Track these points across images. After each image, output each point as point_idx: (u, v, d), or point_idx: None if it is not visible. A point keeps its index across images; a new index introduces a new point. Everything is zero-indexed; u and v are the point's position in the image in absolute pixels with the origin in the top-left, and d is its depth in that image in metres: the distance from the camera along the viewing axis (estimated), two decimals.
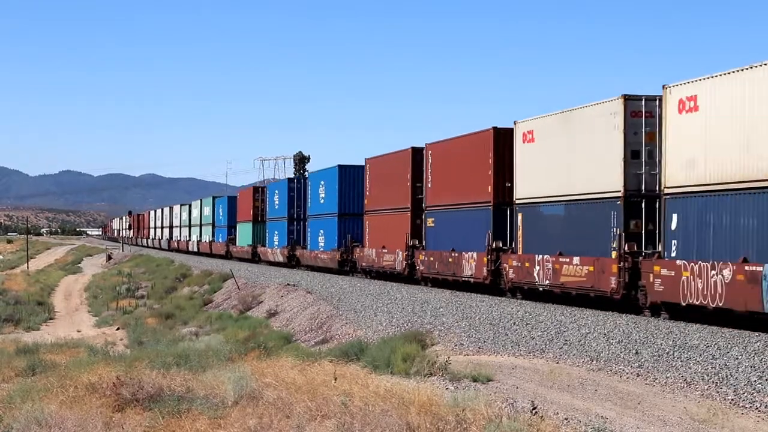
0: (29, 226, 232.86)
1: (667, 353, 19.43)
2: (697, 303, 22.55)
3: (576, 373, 19.03)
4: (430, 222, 38.33)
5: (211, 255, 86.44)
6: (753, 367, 17.32)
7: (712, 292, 21.97)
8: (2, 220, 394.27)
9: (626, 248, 25.57)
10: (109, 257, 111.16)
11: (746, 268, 20.95)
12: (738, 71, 21.79)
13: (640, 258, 25.29)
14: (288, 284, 44.35)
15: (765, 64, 20.96)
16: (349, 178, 49.11)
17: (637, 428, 14.07)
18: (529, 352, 21.92)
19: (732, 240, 21.83)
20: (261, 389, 16.00)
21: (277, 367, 18.44)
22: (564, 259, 28.19)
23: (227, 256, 79.18)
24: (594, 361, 20.01)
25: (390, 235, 42.05)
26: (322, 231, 52.42)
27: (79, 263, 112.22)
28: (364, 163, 46.98)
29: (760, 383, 16.43)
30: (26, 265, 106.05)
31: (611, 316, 24.95)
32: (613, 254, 25.98)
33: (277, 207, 63.39)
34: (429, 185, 38.26)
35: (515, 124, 32.02)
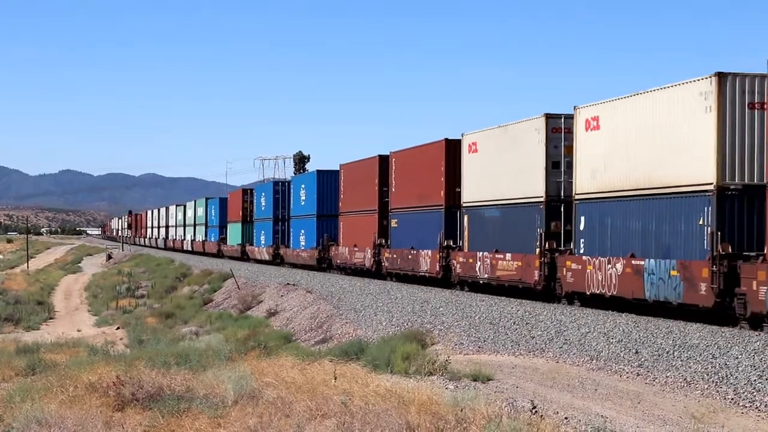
0: (29, 225, 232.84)
1: (667, 352, 19.44)
2: (597, 292, 26.82)
3: (576, 372, 19.04)
4: (393, 223, 42.58)
5: (204, 254, 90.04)
6: (753, 367, 17.33)
7: (609, 283, 26.30)
8: (2, 220, 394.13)
9: (546, 246, 29.65)
10: (109, 257, 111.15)
11: (633, 262, 25.32)
12: (627, 97, 26.31)
13: (557, 254, 29.29)
14: (288, 284, 44.35)
15: (643, 93, 25.64)
16: (327, 182, 53.03)
17: (636, 427, 14.07)
18: (529, 352, 21.92)
19: (623, 239, 26.23)
20: (261, 388, 16.00)
21: (277, 367, 18.44)
22: (499, 256, 32.38)
23: (219, 254, 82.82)
24: (594, 361, 20.02)
25: (360, 234, 46.30)
26: (303, 231, 56.73)
27: (79, 263, 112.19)
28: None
29: (760, 382, 16.43)
30: (26, 264, 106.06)
31: (611, 316, 24.98)
32: (537, 251, 29.86)
33: (263, 208, 67.51)
34: (393, 189, 42.33)
35: (462, 136, 35.99)
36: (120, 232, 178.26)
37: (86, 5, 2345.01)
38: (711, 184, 22.82)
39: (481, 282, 33.78)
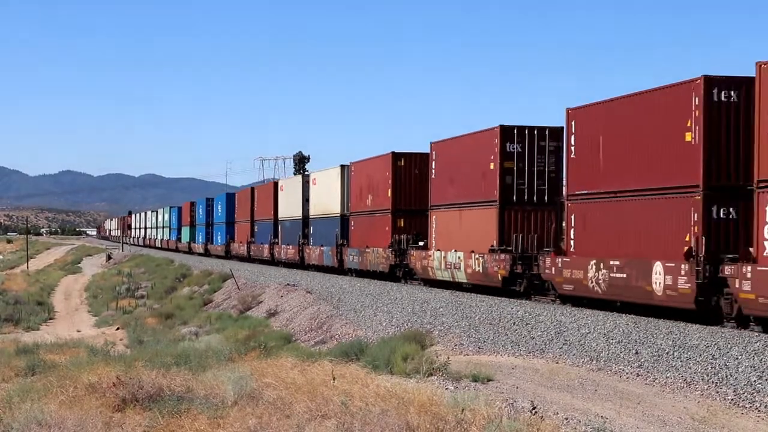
0: (29, 226, 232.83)
1: (667, 353, 19.44)
2: (314, 263, 53.82)
3: (576, 373, 19.05)
4: (256, 228, 71.83)
5: (167, 249, 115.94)
6: (753, 367, 17.33)
7: (318, 258, 52.80)
8: (2, 220, 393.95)
9: (302, 241, 56.84)
10: (109, 257, 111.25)
11: (321, 248, 52.37)
12: (321, 171, 55.98)
13: (303, 246, 56.60)
14: (288, 284, 44.40)
15: (323, 170, 55.53)
16: (232, 200, 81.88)
17: (636, 428, 14.08)
18: (529, 352, 21.93)
19: (321, 237, 53.31)
20: (261, 389, 16.00)
21: (276, 367, 18.44)
22: (288, 247, 60.09)
23: (176, 249, 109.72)
24: (594, 361, 20.02)
25: (243, 235, 75.99)
26: (219, 233, 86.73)
27: (79, 263, 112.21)
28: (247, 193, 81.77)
29: (759, 383, 16.44)
30: (26, 265, 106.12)
31: (611, 316, 24.98)
32: (298, 245, 57.60)
33: (201, 216, 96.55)
34: (256, 208, 72.03)
35: (279, 180, 69.31)
36: (112, 232, 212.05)
37: (86, 5, 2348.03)
38: (338, 213, 50.18)
39: (284, 260, 61.13)
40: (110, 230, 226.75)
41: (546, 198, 32.58)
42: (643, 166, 25.51)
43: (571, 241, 28.97)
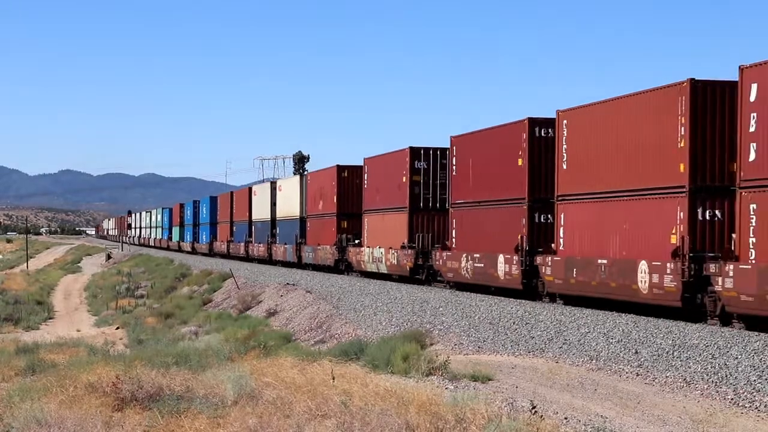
0: (29, 225, 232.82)
1: (667, 352, 19.45)
2: (279, 259, 62.22)
3: (575, 372, 19.05)
4: (235, 228, 79.93)
5: (160, 248, 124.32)
6: (752, 367, 17.34)
7: (283, 255, 60.36)
8: (2, 220, 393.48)
9: (270, 240, 65.18)
10: (109, 257, 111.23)
11: (285, 246, 60.14)
12: (284, 179, 70.94)
13: (271, 244, 64.72)
14: (287, 284, 44.38)
15: (285, 178, 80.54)
16: (215, 203, 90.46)
17: (636, 428, 14.08)
18: (529, 352, 21.93)
19: (286, 236, 60.39)
20: (260, 389, 16.00)
21: (276, 367, 18.43)
22: (260, 245, 68.29)
23: (167, 248, 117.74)
24: (593, 361, 20.02)
25: (224, 234, 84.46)
26: (204, 232, 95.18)
27: (79, 263, 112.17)
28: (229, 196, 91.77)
29: (759, 383, 16.44)
30: (26, 264, 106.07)
31: (611, 316, 24.99)
32: (267, 243, 65.54)
33: (188, 217, 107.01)
34: (235, 211, 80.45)
35: (252, 186, 77.22)
36: (110, 231, 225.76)
37: (86, 7, 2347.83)
38: (298, 216, 57.95)
39: (256, 257, 69.19)
40: (108, 230, 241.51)
41: (446, 205, 39.27)
42: (493, 183, 33.66)
43: (453, 240, 37.14)
